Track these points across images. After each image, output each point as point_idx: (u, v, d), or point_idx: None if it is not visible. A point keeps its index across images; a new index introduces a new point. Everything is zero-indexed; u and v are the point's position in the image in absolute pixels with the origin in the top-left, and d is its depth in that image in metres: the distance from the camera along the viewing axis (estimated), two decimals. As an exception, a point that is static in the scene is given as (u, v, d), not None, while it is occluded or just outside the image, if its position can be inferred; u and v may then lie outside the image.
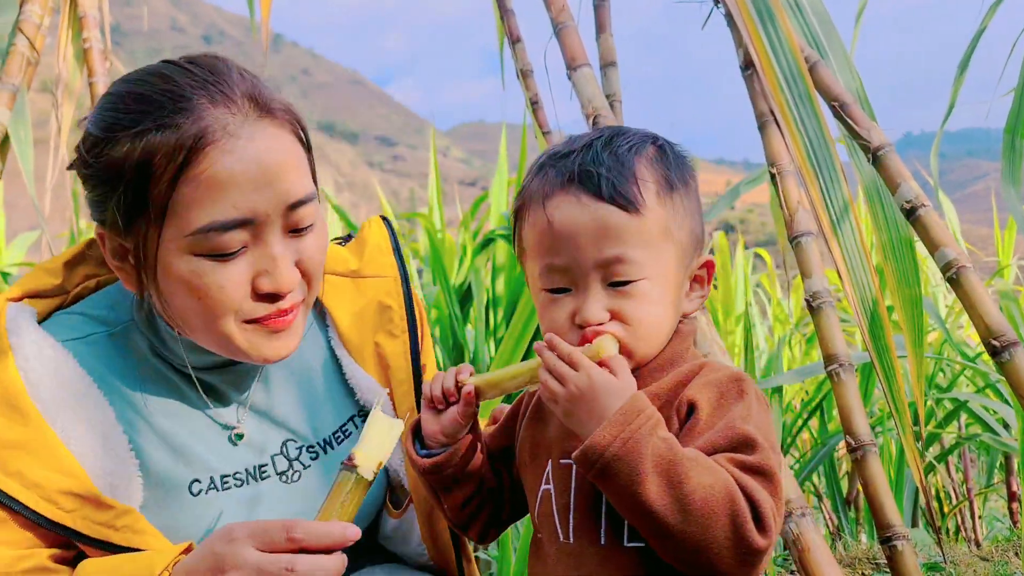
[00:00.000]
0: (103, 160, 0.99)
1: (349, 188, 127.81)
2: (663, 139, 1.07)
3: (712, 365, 1.01)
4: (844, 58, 1.66)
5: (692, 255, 1.03)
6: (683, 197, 1.02)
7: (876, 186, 1.57)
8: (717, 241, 4.73)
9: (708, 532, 0.85)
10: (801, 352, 4.62)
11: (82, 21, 2.10)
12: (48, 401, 1.02)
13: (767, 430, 0.94)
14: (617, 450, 0.87)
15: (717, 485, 0.86)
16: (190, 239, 0.99)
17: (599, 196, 0.97)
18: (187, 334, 1.08)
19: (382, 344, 1.26)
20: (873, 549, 2.87)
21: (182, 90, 1.00)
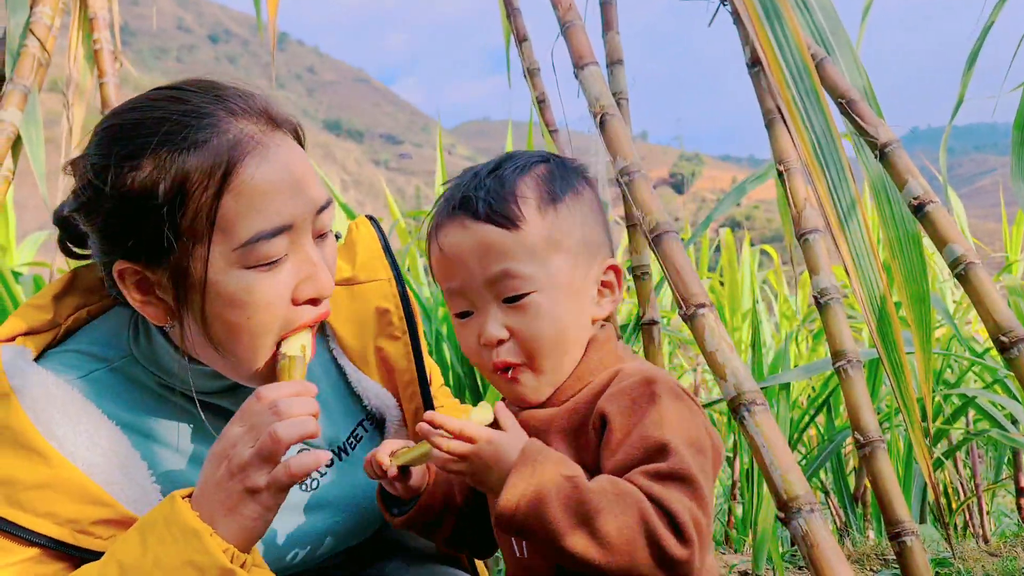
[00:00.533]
0: (126, 189, 0.97)
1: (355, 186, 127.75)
2: (556, 158, 1.10)
3: (625, 371, 1.01)
4: (851, 55, 1.66)
5: (589, 261, 1.05)
6: (571, 206, 1.04)
7: (883, 182, 1.57)
8: (723, 238, 4.71)
9: (632, 559, 0.87)
10: (808, 348, 4.62)
11: (92, 22, 2.11)
12: (63, 438, 1.01)
13: (688, 428, 0.94)
14: (525, 509, 0.89)
15: (629, 512, 0.87)
16: (240, 252, 0.98)
17: (479, 218, 1.01)
18: (214, 359, 1.07)
19: (384, 348, 1.27)
20: (881, 545, 2.87)
21: (200, 108, 1.00)
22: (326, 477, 1.20)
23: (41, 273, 3.78)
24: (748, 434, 1.20)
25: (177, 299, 1.01)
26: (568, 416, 1.01)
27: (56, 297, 1.14)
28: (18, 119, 1.87)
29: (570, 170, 1.09)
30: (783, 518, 1.14)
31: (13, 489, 0.97)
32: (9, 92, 1.90)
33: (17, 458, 0.98)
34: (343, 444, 1.24)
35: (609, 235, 1.10)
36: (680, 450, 0.91)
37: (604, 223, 1.09)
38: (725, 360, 1.25)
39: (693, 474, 0.90)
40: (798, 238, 1.54)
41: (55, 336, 1.13)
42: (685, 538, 0.87)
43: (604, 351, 1.06)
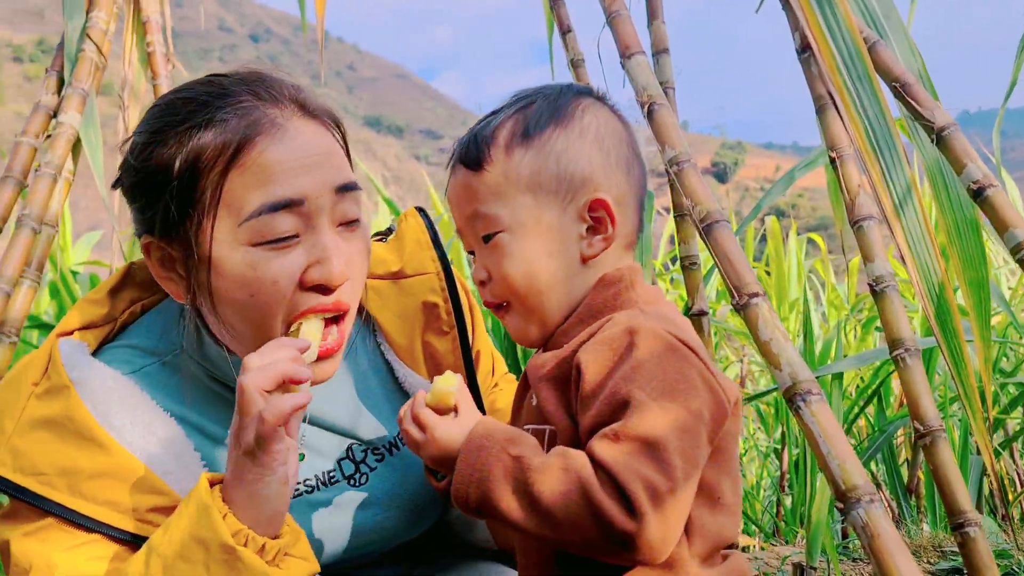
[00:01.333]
0: (150, 163, 1.01)
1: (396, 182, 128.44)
2: (560, 90, 1.06)
3: (615, 319, 0.95)
4: (904, 37, 1.62)
5: (566, 197, 1.00)
6: (548, 142, 1.00)
7: (940, 167, 1.54)
8: (769, 226, 4.66)
9: (583, 536, 0.83)
10: (856, 338, 4.55)
11: (145, 26, 2.16)
12: (121, 428, 1.03)
13: (669, 382, 0.86)
14: (474, 493, 0.88)
15: (571, 487, 0.83)
16: (244, 227, 0.99)
17: (457, 160, 1.04)
18: (235, 344, 1.08)
19: (432, 343, 1.26)
20: (938, 537, 2.82)
21: (229, 90, 1.03)
22: (376, 471, 1.21)
23: (96, 272, 3.88)
24: (804, 424, 1.19)
25: (187, 274, 1.03)
26: (557, 364, 0.97)
27: (112, 292, 1.16)
28: (77, 122, 1.92)
29: (567, 100, 1.04)
30: (842, 509, 1.13)
31: (76, 479, 0.99)
32: (69, 96, 1.94)
33: (78, 448, 1.00)
34: (393, 439, 1.23)
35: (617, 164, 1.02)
36: (646, 407, 0.84)
37: (605, 151, 1.02)
38: (780, 350, 1.24)
39: (656, 435, 0.82)
40: (852, 225, 1.52)
41: (111, 330, 1.15)
42: (633, 509, 0.80)
43: (609, 294, 1.00)
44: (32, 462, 1.00)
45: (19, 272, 1.83)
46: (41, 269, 1.87)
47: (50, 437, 1.01)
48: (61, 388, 1.02)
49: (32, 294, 1.85)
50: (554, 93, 1.05)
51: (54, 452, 1.00)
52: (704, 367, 0.90)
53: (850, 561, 2.73)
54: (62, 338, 1.09)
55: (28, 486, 0.99)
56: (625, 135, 1.05)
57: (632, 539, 0.81)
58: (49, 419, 1.01)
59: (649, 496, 0.80)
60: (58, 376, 1.03)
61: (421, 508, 1.23)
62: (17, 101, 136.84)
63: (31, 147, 1.94)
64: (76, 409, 1.01)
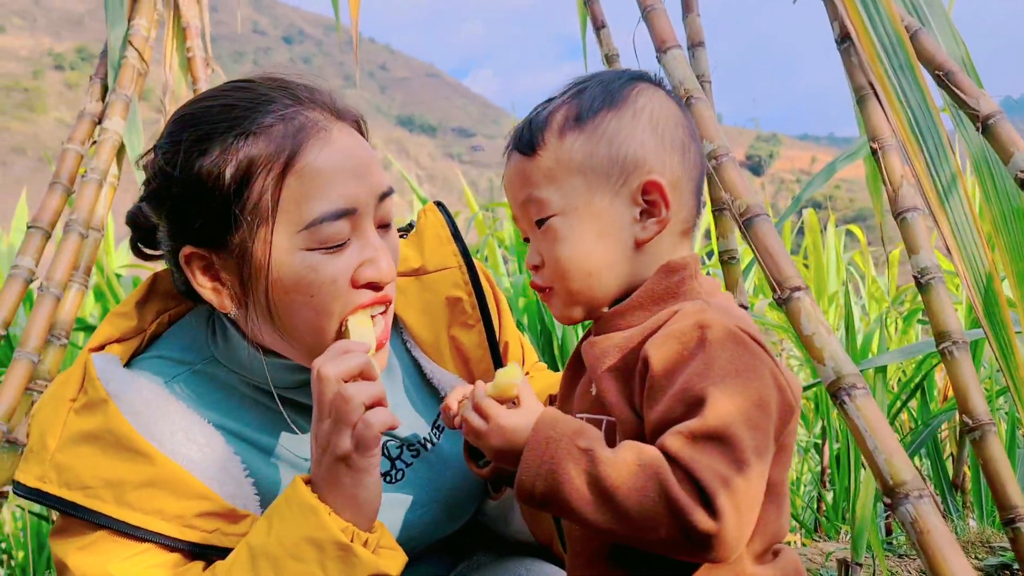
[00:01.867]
0: (193, 173, 1.00)
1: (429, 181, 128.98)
2: (615, 74, 1.05)
3: (685, 311, 0.93)
4: (947, 24, 1.59)
5: (618, 179, 0.98)
6: (600, 124, 0.99)
7: (985, 156, 1.51)
8: (807, 219, 4.60)
9: (656, 533, 0.81)
10: (898, 331, 4.47)
11: (185, 31, 2.19)
12: (162, 437, 1.04)
13: (743, 380, 0.84)
14: (542, 488, 0.86)
15: (648, 485, 0.81)
16: (303, 234, 1.00)
17: (512, 148, 1.04)
18: (286, 346, 1.08)
19: (458, 337, 1.26)
20: (986, 532, 2.77)
21: (268, 96, 1.03)
22: (412, 467, 1.21)
23: (139, 275, 3.95)
24: (849, 419, 1.18)
25: (242, 282, 1.03)
26: (619, 353, 0.95)
27: (139, 304, 1.17)
28: (122, 128, 1.96)
29: (622, 83, 1.02)
30: (889, 504, 1.11)
31: (121, 490, 1.01)
32: (112, 102, 1.99)
33: (122, 460, 1.01)
34: (427, 435, 1.24)
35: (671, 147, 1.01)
36: (721, 404, 0.82)
37: (659, 134, 1.00)
38: (823, 344, 1.23)
39: (734, 433, 0.81)
40: (895, 217, 1.50)
41: (141, 342, 1.16)
42: (714, 510, 0.79)
43: (673, 281, 0.98)
44: (77, 476, 1.01)
45: (68, 276, 1.87)
46: (89, 273, 1.91)
47: (92, 451, 1.02)
48: (99, 402, 1.04)
49: (80, 297, 1.89)
50: (608, 78, 1.04)
51: (98, 465, 1.01)
52: (772, 363, 0.89)
53: (896, 557, 2.69)
54: (94, 353, 1.10)
55: (76, 500, 1.00)
56: (681, 118, 1.03)
57: (711, 538, 0.79)
58: (90, 433, 1.03)
59: (728, 495, 0.79)
60: (95, 390, 1.04)
61: (457, 502, 1.24)
62: (59, 108, 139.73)
63: (77, 153, 1.98)
64: (115, 421, 1.02)
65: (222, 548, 1.03)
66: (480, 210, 5.11)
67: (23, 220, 4.35)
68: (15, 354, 1.78)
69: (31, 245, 1.87)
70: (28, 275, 1.86)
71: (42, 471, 1.03)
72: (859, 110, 1.62)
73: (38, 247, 1.88)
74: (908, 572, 2.52)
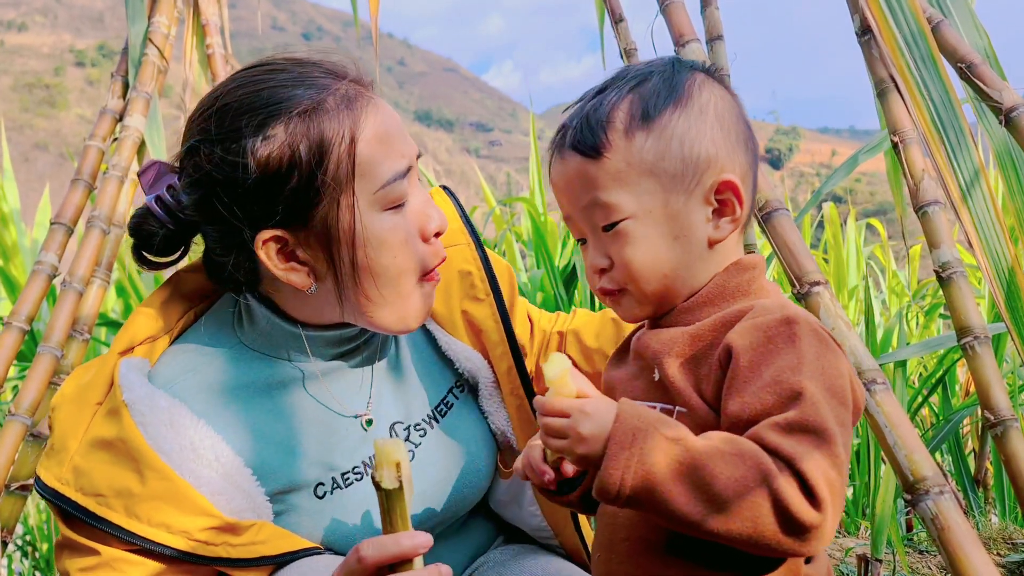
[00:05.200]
0: (265, 161, 1.01)
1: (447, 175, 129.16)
2: (673, 64, 1.01)
3: (764, 305, 0.92)
4: (970, 15, 1.58)
5: (692, 179, 0.96)
6: (670, 123, 0.96)
7: (1009, 149, 1.49)
8: (827, 212, 4.56)
9: (755, 527, 0.78)
10: (919, 325, 4.44)
11: (205, 28, 2.20)
12: (170, 452, 1.05)
13: (830, 376, 0.84)
14: (632, 482, 0.81)
15: (748, 475, 0.78)
16: (379, 195, 1.05)
17: (568, 147, 0.99)
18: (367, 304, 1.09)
19: (470, 311, 1.29)
20: (1007, 528, 2.74)
21: (308, 74, 1.06)
22: (420, 447, 1.22)
23: (160, 271, 3.98)
24: (869, 414, 1.17)
25: (328, 254, 1.06)
26: (690, 342, 0.94)
27: (164, 303, 1.19)
28: (142, 124, 1.98)
29: (682, 77, 0.99)
30: (910, 500, 1.11)
31: (131, 500, 1.02)
32: (133, 99, 2.00)
33: (132, 471, 1.03)
34: (432, 412, 1.25)
35: (737, 142, 0.99)
36: (817, 399, 0.81)
37: (725, 129, 0.98)
38: (843, 338, 1.22)
39: (829, 427, 0.80)
40: (916, 211, 1.48)
41: (170, 341, 1.18)
42: (817, 501, 0.78)
43: (744, 278, 0.98)
44: (92, 482, 1.03)
45: (91, 271, 1.89)
46: (111, 268, 1.93)
47: (108, 458, 1.04)
48: (118, 409, 1.05)
49: (103, 293, 1.91)
50: (668, 70, 1.00)
51: (110, 474, 1.03)
52: (849, 365, 0.88)
53: (916, 553, 2.68)
54: (124, 357, 1.12)
55: (89, 507, 1.02)
56: (739, 109, 1.02)
57: (812, 531, 0.78)
58: (107, 440, 1.04)
59: (828, 487, 0.78)
60: (116, 397, 1.06)
61: (463, 480, 1.25)
62: (80, 105, 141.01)
63: (99, 150, 2.00)
64: (129, 431, 1.04)
65: (229, 559, 1.05)
66: (497, 205, 5.11)
67: (46, 216, 4.40)
68: (39, 349, 1.80)
69: (54, 241, 1.89)
70: (51, 271, 1.88)
71: (61, 472, 1.05)
72: (880, 103, 1.60)
73: (61, 243, 1.90)
74: (929, 568, 2.50)
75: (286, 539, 1.09)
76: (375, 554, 0.88)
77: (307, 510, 1.15)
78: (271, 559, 1.06)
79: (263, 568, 1.07)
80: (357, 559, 0.89)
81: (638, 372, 1.00)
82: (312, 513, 1.15)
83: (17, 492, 1.73)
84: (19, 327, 1.81)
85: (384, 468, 0.85)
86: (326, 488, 1.16)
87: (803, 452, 0.78)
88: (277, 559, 1.07)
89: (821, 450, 0.79)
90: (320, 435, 1.16)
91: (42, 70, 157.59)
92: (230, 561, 1.05)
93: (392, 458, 0.85)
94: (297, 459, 1.14)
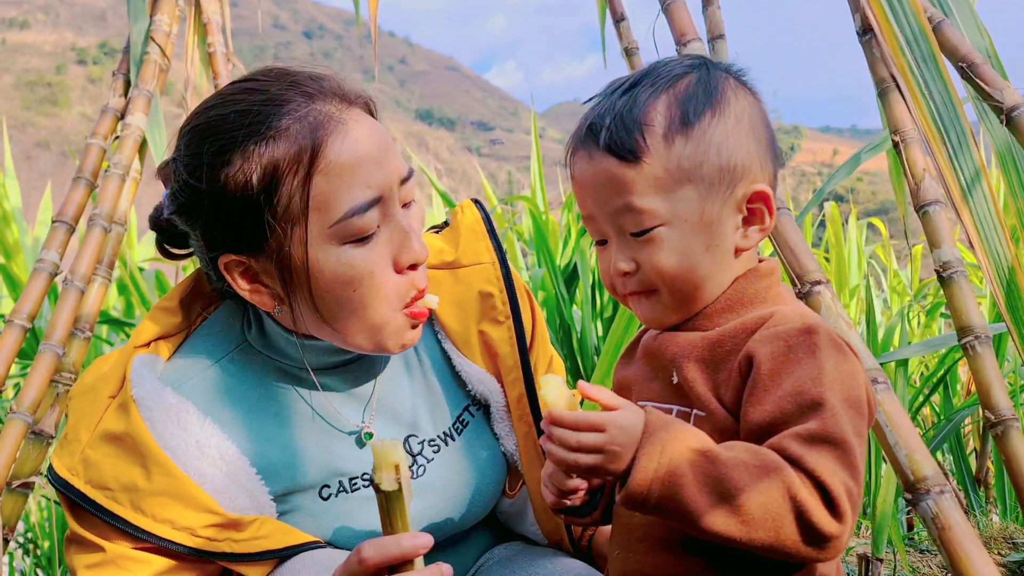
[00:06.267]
0: (219, 184, 1.00)
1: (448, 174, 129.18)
2: (706, 65, 0.99)
3: (784, 314, 0.92)
4: (971, 15, 1.58)
5: (727, 188, 0.95)
6: (708, 129, 0.94)
7: (1010, 149, 1.49)
8: (828, 212, 4.56)
9: (777, 535, 0.80)
10: (920, 325, 4.43)
11: (206, 27, 2.20)
12: (176, 449, 1.06)
13: (848, 386, 0.84)
14: (659, 490, 0.82)
15: (772, 487, 0.79)
16: (335, 229, 1.01)
17: (602, 148, 0.95)
18: (336, 331, 1.09)
19: (487, 332, 1.26)
20: (1008, 528, 2.74)
21: (278, 96, 1.02)
22: (433, 462, 1.22)
23: (161, 268, 3.99)
24: (870, 413, 1.17)
25: (284, 284, 1.04)
26: (710, 347, 0.93)
27: (183, 301, 1.19)
28: (144, 123, 1.98)
29: (718, 80, 0.97)
30: (910, 499, 1.11)
31: (137, 496, 1.03)
32: (135, 97, 2.00)
33: (139, 466, 1.04)
34: (448, 429, 1.24)
35: (767, 150, 0.98)
36: (837, 410, 0.82)
37: (758, 137, 0.96)
38: (844, 338, 1.22)
39: (848, 439, 0.81)
40: (917, 211, 1.48)
41: (184, 338, 1.18)
42: (838, 512, 0.79)
43: (762, 285, 0.97)
44: (100, 475, 1.04)
45: (92, 270, 1.89)
46: (112, 266, 1.93)
47: (116, 452, 1.05)
48: (127, 404, 1.06)
49: (104, 291, 1.91)
50: (702, 72, 0.98)
51: (118, 468, 1.04)
52: (864, 374, 0.89)
53: (917, 552, 2.68)
54: (138, 352, 1.12)
55: (97, 499, 1.03)
56: (766, 116, 1.00)
57: (832, 540, 0.80)
58: (116, 434, 1.05)
59: (848, 497, 0.80)
60: (126, 392, 1.07)
61: (476, 498, 1.24)
62: (82, 103, 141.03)
63: (100, 148, 2.00)
64: (137, 426, 1.04)
65: (232, 554, 1.05)
66: (499, 203, 5.11)
67: (48, 213, 4.41)
68: (40, 347, 1.80)
69: (56, 239, 1.89)
70: (53, 269, 1.88)
71: (72, 463, 1.05)
72: (881, 103, 1.60)
73: (62, 241, 1.90)
74: (929, 567, 2.50)
75: (289, 533, 1.09)
76: (376, 555, 0.88)
77: (311, 511, 1.15)
78: (274, 553, 1.07)
79: (267, 562, 1.08)
80: (358, 560, 0.89)
81: (652, 374, 1.00)
82: (316, 514, 1.15)
83: (18, 490, 1.74)
84: (21, 325, 1.81)
85: (383, 470, 0.84)
86: (331, 491, 1.16)
87: (824, 463, 0.80)
88: (280, 553, 1.07)
89: (841, 461, 0.80)
90: (321, 441, 1.16)
91: (44, 68, 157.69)
92: (234, 556, 1.06)
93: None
94: (301, 463, 1.14)
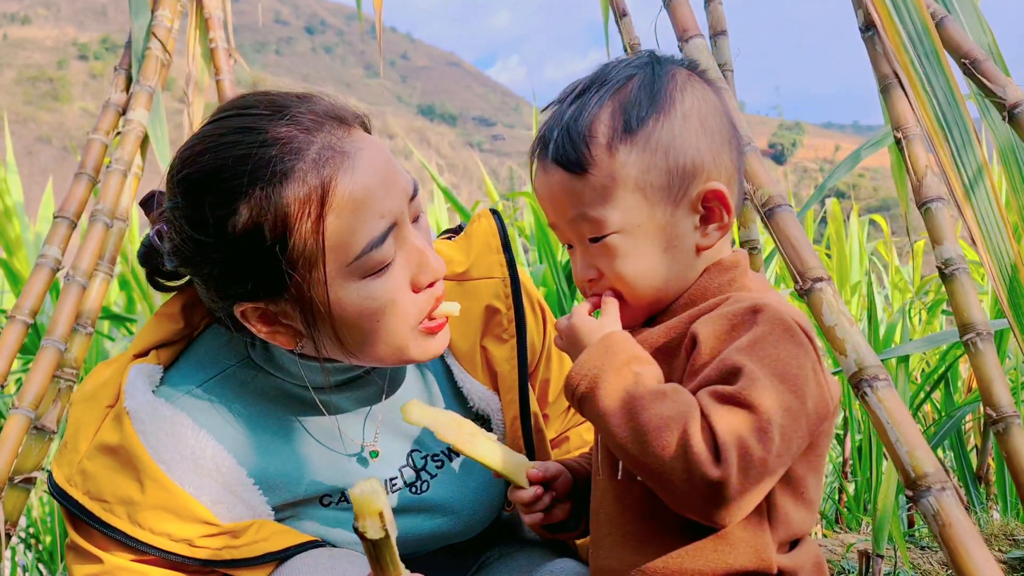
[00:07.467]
0: (229, 236, 0.97)
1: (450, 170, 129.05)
2: (654, 65, 0.99)
3: (738, 297, 0.94)
4: (974, 11, 1.57)
5: (679, 190, 0.95)
6: (654, 133, 0.94)
7: (1012, 145, 1.49)
8: (830, 208, 4.55)
9: (663, 463, 0.83)
10: (921, 322, 4.43)
11: (208, 22, 2.20)
12: (170, 462, 1.05)
13: (782, 362, 0.85)
14: (586, 385, 0.90)
15: (673, 415, 0.83)
16: (354, 266, 0.99)
17: (551, 159, 0.98)
18: (358, 356, 1.08)
19: (490, 349, 1.25)
20: (1009, 525, 2.74)
21: (276, 135, 0.98)
22: (436, 478, 1.22)
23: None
24: (871, 410, 1.17)
25: (305, 323, 1.02)
26: (665, 333, 0.96)
27: (185, 306, 1.18)
28: (145, 118, 1.98)
29: (663, 81, 0.97)
30: (911, 496, 1.11)
31: (133, 508, 1.03)
32: (137, 93, 2.00)
33: (133, 479, 1.04)
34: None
35: (722, 144, 0.97)
36: (756, 378, 0.83)
37: (709, 132, 0.97)
38: (845, 335, 1.22)
39: (761, 406, 0.81)
40: (919, 207, 1.48)
41: (187, 344, 1.18)
42: (722, 459, 0.80)
43: (726, 278, 0.99)
44: (98, 487, 1.04)
45: (94, 265, 1.89)
46: (114, 262, 1.93)
47: (112, 464, 1.05)
48: (122, 415, 1.06)
49: (106, 287, 1.91)
50: (647, 73, 0.98)
51: (114, 481, 1.04)
52: (817, 360, 0.89)
53: (918, 549, 2.68)
54: (135, 362, 1.11)
55: (94, 511, 1.04)
56: (720, 106, 1.00)
57: (712, 486, 0.81)
58: (111, 446, 1.05)
59: (739, 456, 0.81)
60: (121, 403, 1.07)
61: (478, 512, 1.25)
62: (84, 98, 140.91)
63: (102, 144, 2.00)
64: (130, 439, 1.04)
65: (232, 560, 1.06)
66: (500, 199, 5.10)
67: (50, 209, 4.41)
68: (42, 342, 1.80)
69: (57, 235, 1.89)
70: (54, 264, 1.88)
71: (70, 473, 1.06)
72: (883, 99, 1.60)
73: (64, 237, 1.90)
74: (930, 564, 2.50)
75: (287, 534, 1.10)
76: None
77: (312, 516, 1.16)
78: (275, 555, 1.07)
79: (267, 564, 1.08)
80: None
81: None
82: (317, 519, 1.16)
83: (21, 485, 1.74)
84: (22, 320, 1.81)
85: (367, 518, 0.79)
86: (332, 500, 1.16)
87: (724, 418, 0.82)
88: (280, 554, 1.07)
89: (746, 423, 0.82)
90: (324, 460, 1.16)
91: (45, 63, 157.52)
92: (234, 563, 1.06)
93: (374, 508, 0.78)
94: (303, 479, 1.14)
